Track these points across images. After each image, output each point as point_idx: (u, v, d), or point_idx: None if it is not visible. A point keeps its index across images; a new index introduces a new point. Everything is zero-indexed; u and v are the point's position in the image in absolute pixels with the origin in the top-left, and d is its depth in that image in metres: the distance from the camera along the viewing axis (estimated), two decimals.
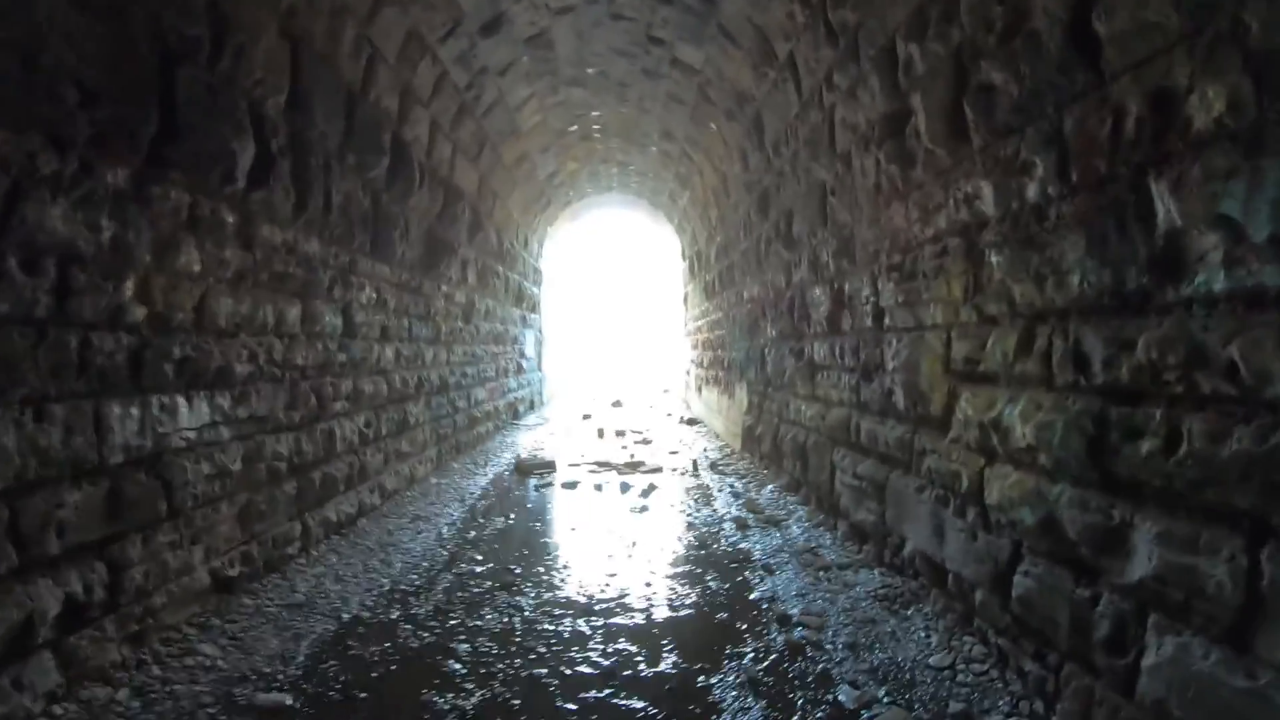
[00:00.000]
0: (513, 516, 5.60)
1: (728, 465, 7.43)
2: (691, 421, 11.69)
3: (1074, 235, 2.32)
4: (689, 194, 11.49)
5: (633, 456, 8.31)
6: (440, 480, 6.93)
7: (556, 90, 9.04)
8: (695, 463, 7.55)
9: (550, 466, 7.51)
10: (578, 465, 7.85)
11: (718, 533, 5.01)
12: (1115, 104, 2.09)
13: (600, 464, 7.77)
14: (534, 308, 13.91)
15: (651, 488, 6.47)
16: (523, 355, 12.77)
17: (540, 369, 14.80)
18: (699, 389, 12.35)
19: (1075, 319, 2.34)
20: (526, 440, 9.91)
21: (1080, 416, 2.30)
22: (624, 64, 8.05)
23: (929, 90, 3.25)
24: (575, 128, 10.58)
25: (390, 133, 5.83)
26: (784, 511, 5.43)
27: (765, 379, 6.89)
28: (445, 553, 4.70)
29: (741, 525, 5.11)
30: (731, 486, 6.41)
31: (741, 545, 4.69)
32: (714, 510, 5.61)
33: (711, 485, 6.56)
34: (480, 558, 4.59)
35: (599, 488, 6.56)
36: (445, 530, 5.23)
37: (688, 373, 14.26)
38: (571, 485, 6.66)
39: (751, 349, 7.53)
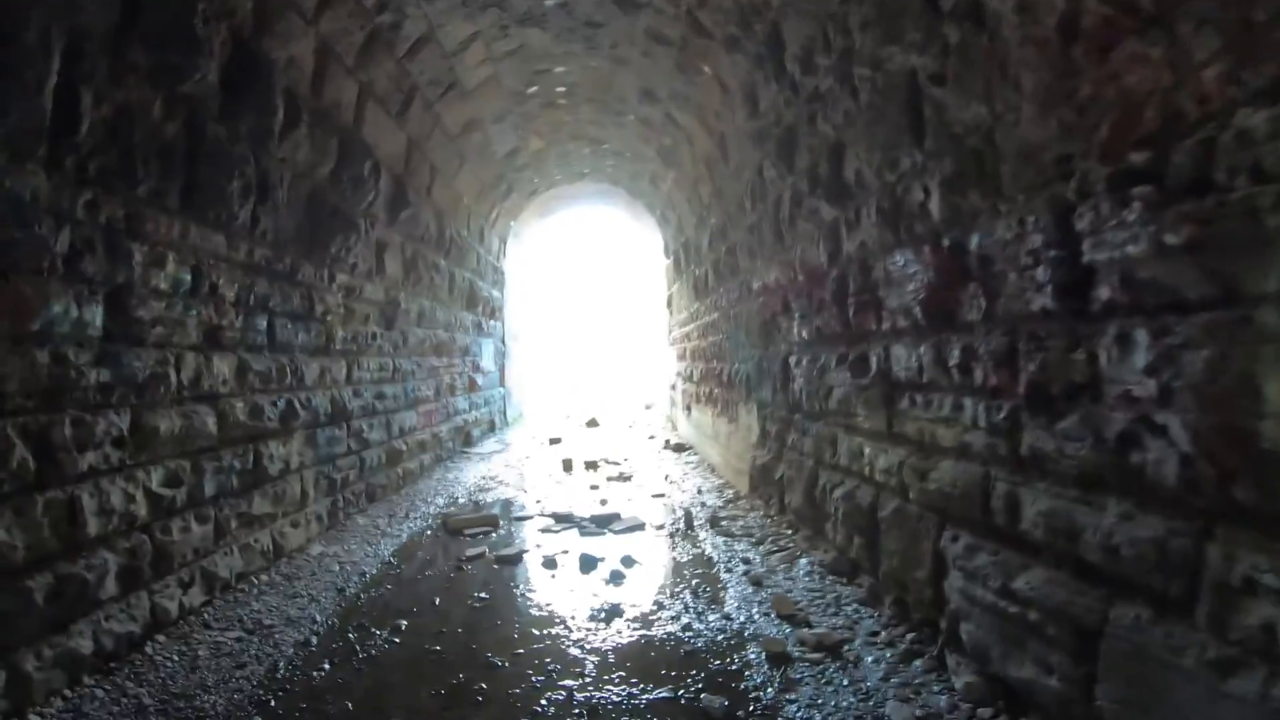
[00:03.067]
0: (402, 628, 3.50)
1: (734, 520, 5.36)
2: (679, 448, 9.63)
3: None
4: (674, 173, 9.49)
5: (604, 503, 6.23)
6: (327, 550, 4.81)
7: (507, 31, 7.00)
8: (688, 515, 5.49)
9: (490, 523, 5.42)
10: (529, 518, 5.76)
11: (738, 674, 2.93)
12: None
13: (560, 517, 5.68)
14: (493, 314, 11.82)
15: (627, 563, 4.39)
16: (477, 369, 10.66)
17: (503, 384, 12.70)
18: (687, 408, 10.30)
19: None
20: (473, 476, 7.80)
21: None
22: None
23: None
24: (536, 89, 8.55)
25: (227, 31, 3.78)
26: (840, 620, 3.37)
27: (790, 401, 4.84)
28: None
29: (776, 656, 3.04)
30: (745, 562, 4.34)
31: (788, 712, 2.62)
32: (725, 615, 3.54)
33: (715, 557, 4.49)
34: None
35: (551, 563, 4.46)
36: (280, 663, 3.12)
37: (673, 388, 12.22)
38: (513, 559, 4.56)
39: (766, 359, 5.50)
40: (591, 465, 8.33)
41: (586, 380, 24.31)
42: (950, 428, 2.84)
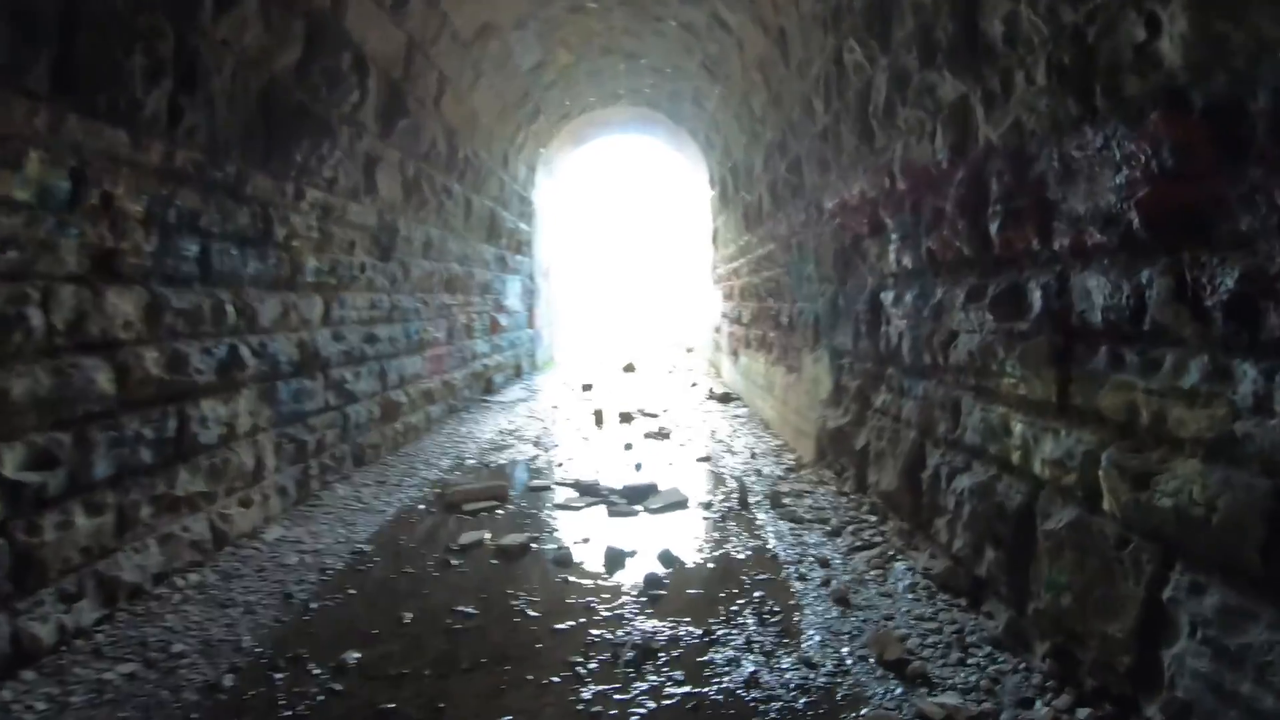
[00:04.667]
0: (350, 665, 2.50)
1: (799, 498, 4.27)
2: (725, 398, 8.54)
3: None
4: (720, 89, 8.20)
5: (639, 468, 5.20)
6: (288, 533, 3.86)
7: None
8: (743, 489, 4.41)
9: (496, 496, 4.42)
10: (546, 488, 4.75)
11: None
12: None
13: (585, 488, 4.66)
14: (520, 248, 10.73)
15: (666, 561, 3.34)
16: (500, 309, 9.63)
17: (531, 326, 11.68)
18: (734, 353, 9.18)
19: None
20: (490, 429, 6.82)
21: None
22: None
23: None
24: None
25: None
26: (973, 676, 2.29)
27: (880, 350, 3.69)
28: None
29: None
30: (823, 564, 3.26)
31: None
32: (805, 659, 2.46)
33: (781, 553, 3.42)
34: None
35: (564, 559, 3.41)
36: None
37: (717, 331, 11.09)
38: (517, 551, 3.54)
39: (843, 295, 4.33)
40: (626, 418, 7.29)
41: (624, 322, 23.23)
42: (1202, 408, 1.70)
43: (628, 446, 5.97)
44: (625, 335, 20.83)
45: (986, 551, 2.63)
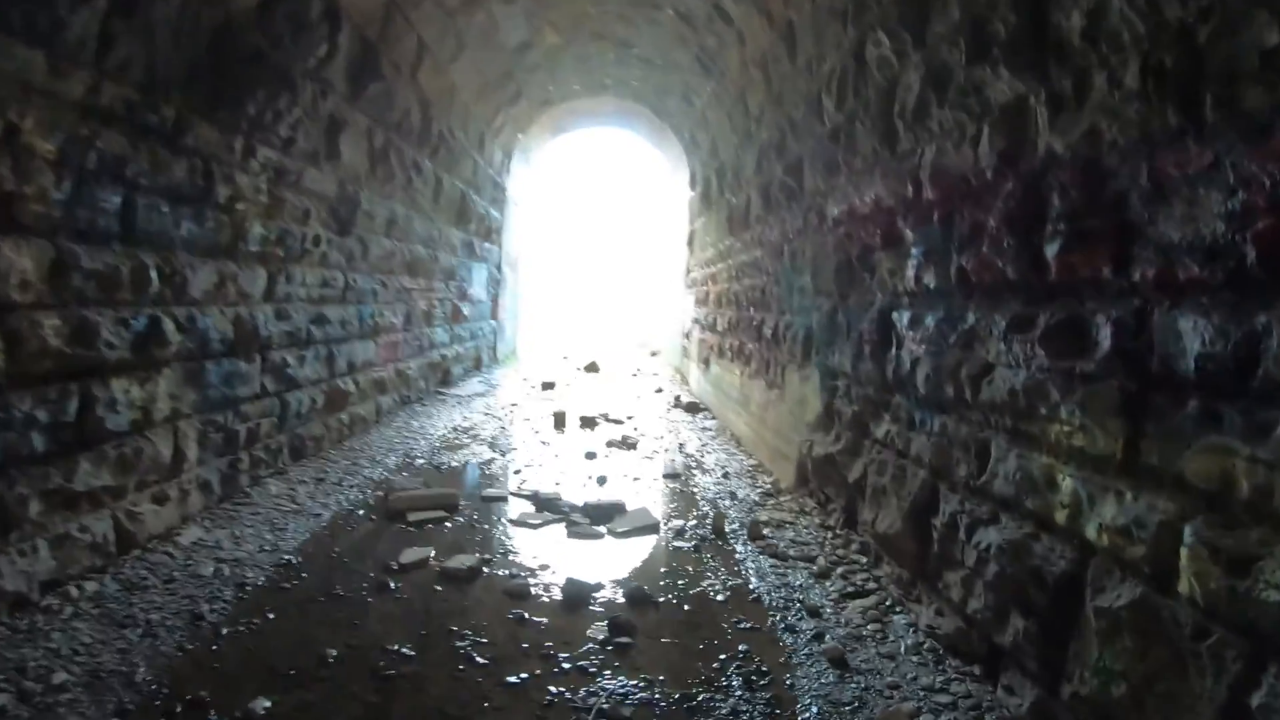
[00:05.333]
0: (258, 717, 2.07)
1: (781, 529, 3.91)
2: (692, 408, 8.18)
3: None
4: (713, 85, 7.85)
5: (603, 482, 4.80)
6: (208, 536, 3.39)
7: None
8: (718, 517, 4.05)
9: (445, 505, 3.98)
10: (501, 499, 4.32)
11: None
12: None
13: (544, 502, 4.24)
14: (489, 235, 10.26)
15: (636, 602, 2.93)
16: (464, 297, 9.15)
17: (494, 317, 11.20)
18: (705, 361, 8.82)
19: None
20: (443, 425, 6.36)
21: None
22: None
23: None
24: None
25: None
26: None
27: (888, 375, 3.34)
28: None
29: None
30: (813, 613, 2.89)
31: None
32: None
33: (765, 596, 3.05)
34: None
35: (520, 591, 2.99)
36: None
37: (687, 336, 10.73)
38: (465, 576, 3.11)
39: (844, 311, 3.98)
40: (589, 423, 6.88)
41: (589, 319, 22.78)
42: None
43: (590, 455, 5.56)
44: (589, 333, 20.38)
45: (1012, 618, 2.29)
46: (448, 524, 3.80)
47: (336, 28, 4.46)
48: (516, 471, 4.99)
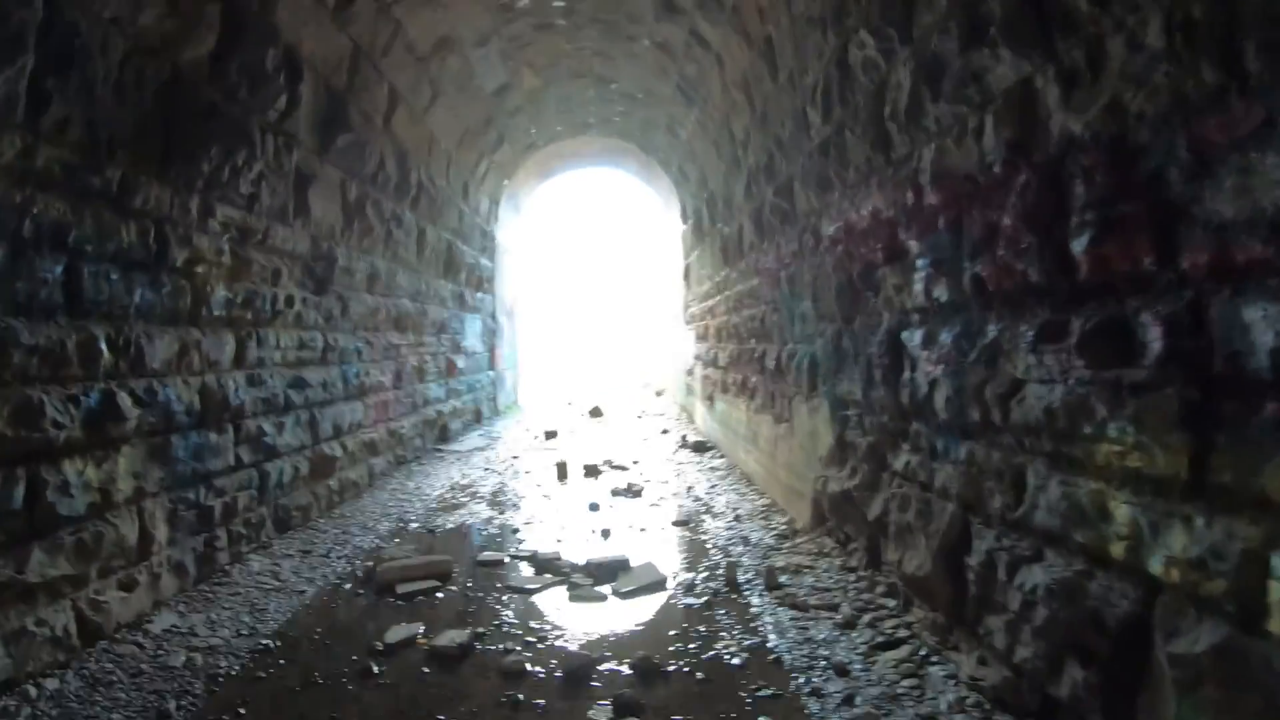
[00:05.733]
0: None
1: (799, 575, 3.60)
2: (700, 447, 7.89)
3: None
4: (696, 113, 7.72)
5: (607, 535, 4.51)
6: (181, 623, 3.10)
7: None
8: (731, 567, 3.75)
9: (438, 574, 3.69)
10: (498, 562, 4.03)
11: None
12: None
13: (543, 564, 3.95)
14: (480, 285, 10.09)
15: (646, 678, 2.62)
16: (458, 350, 8.94)
17: (492, 367, 10.97)
18: (709, 398, 8.55)
19: None
20: (440, 484, 6.08)
21: None
22: None
23: None
24: (527, 2, 6.76)
25: None
26: None
27: (903, 401, 3.07)
28: None
29: None
30: (840, 672, 2.58)
31: None
32: None
33: (785, 656, 2.74)
34: None
35: (515, 672, 2.67)
36: None
37: (690, 373, 10.47)
38: (455, 656, 2.81)
39: (849, 335, 3.73)
40: (592, 471, 6.60)
41: (591, 363, 22.55)
42: None
43: (594, 507, 5.27)
44: (592, 376, 20.13)
45: (1068, 668, 1.99)
46: (439, 594, 3.50)
47: (297, 78, 4.30)
48: (516, 530, 4.70)
